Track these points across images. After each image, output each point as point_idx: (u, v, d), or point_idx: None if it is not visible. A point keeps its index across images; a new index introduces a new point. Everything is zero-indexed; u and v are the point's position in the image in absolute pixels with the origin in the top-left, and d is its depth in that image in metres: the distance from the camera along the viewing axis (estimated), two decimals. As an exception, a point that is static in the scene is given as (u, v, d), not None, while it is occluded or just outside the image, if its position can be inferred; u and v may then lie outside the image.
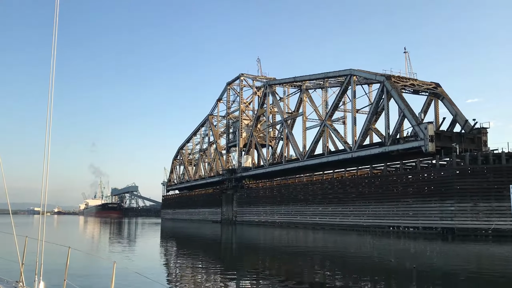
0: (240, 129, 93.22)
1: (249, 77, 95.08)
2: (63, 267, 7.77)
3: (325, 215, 62.94)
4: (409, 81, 56.68)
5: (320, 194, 64.98)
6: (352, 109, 61.12)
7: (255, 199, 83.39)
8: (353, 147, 59.90)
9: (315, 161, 68.12)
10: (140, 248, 37.31)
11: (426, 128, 48.82)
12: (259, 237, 53.62)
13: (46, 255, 7.17)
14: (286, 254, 31.37)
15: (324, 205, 63.52)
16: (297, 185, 71.20)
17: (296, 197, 70.08)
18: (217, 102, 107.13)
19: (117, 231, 66.47)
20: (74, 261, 10.75)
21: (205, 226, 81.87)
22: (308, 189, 68.22)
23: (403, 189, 50.52)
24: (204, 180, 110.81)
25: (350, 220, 57.94)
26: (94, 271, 19.34)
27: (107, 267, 19.63)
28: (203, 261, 25.35)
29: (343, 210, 59.25)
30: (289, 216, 71.29)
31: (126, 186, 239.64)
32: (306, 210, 67.12)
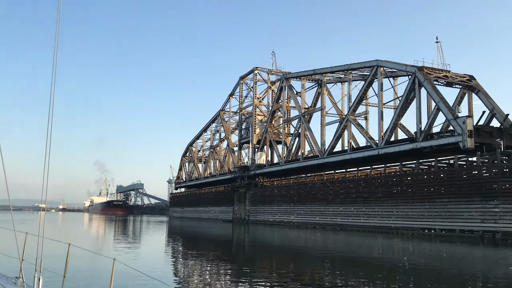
0: (253, 125, 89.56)
1: (264, 70, 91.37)
2: (62, 263, 7.75)
3: (347, 216, 59.23)
4: (442, 73, 52.82)
5: (342, 194, 61.26)
6: (379, 103, 57.29)
7: (269, 198, 79.77)
8: (380, 143, 56.06)
9: (336, 158, 64.35)
10: (146, 246, 35.76)
11: (465, 122, 44.97)
12: (274, 237, 50.46)
13: (46, 251, 7.08)
14: (304, 256, 28.95)
15: (346, 205, 59.82)
16: (316, 184, 67.48)
17: (315, 196, 66.39)
18: (229, 97, 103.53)
19: (123, 229, 64.53)
20: (74, 258, 10.29)
21: (215, 225, 78.74)
22: (328, 188, 64.51)
23: (438, 188, 46.69)
24: (214, 178, 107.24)
25: (376, 222, 54.19)
26: (94, 268, 19.33)
27: (107, 265, 17.91)
28: (212, 261, 24.18)
29: (368, 211, 55.52)
30: (307, 216, 67.62)
31: (132, 184, 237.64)
32: (326, 210, 63.43)
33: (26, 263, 7.65)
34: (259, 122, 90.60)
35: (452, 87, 53.96)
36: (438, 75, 52.08)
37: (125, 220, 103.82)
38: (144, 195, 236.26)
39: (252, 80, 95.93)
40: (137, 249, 32.63)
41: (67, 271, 7.29)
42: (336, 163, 65.28)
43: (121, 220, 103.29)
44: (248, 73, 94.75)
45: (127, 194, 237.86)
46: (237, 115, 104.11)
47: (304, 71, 74.09)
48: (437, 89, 49.16)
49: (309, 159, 71.97)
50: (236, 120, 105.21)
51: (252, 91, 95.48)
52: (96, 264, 20.72)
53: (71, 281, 8.94)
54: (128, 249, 30.76)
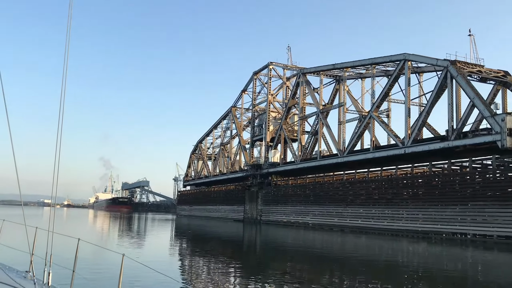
0: (267, 121, 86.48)
1: (279, 66, 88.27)
2: (71, 258, 7.80)
3: (369, 218, 56.09)
4: (476, 68, 49.56)
5: (364, 194, 58.11)
6: (406, 99, 54.04)
7: (283, 198, 76.71)
8: (406, 142, 52.85)
9: (358, 157, 61.16)
10: (153, 245, 34.77)
11: (504, 120, 41.71)
12: (288, 238, 47.90)
13: (55, 246, 7.13)
14: (322, 259, 27.30)
15: (367, 206, 56.72)
16: (334, 184, 64.32)
17: (333, 197, 63.28)
18: (241, 93, 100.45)
19: (129, 227, 63.37)
20: (83, 253, 9.57)
21: (225, 225, 76.19)
22: (348, 188, 61.39)
23: (473, 191, 43.48)
24: (225, 176, 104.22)
25: (401, 225, 51.02)
26: (102, 263, 19.38)
27: (115, 260, 18.26)
28: (221, 261, 23.80)
29: (392, 213, 52.37)
30: (324, 217, 64.51)
31: (137, 181, 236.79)
32: (345, 212, 60.33)
33: (36, 257, 7.60)
34: (272, 119, 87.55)
35: (486, 83, 50.72)
36: (471, 70, 48.83)
37: (131, 217, 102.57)
38: (150, 193, 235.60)
39: (266, 76, 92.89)
40: (144, 247, 32.11)
41: (76, 265, 7.24)
42: (357, 163, 62.17)
43: (126, 217, 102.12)
44: (262, 69, 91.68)
45: (133, 191, 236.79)
46: (250, 111, 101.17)
47: (323, 65, 70.95)
48: (472, 85, 45.89)
49: (327, 157, 68.86)
50: (248, 117, 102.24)
51: (266, 87, 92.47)
52: (104, 259, 20.57)
53: (80, 275, 8.99)
54: (135, 247, 30.15)
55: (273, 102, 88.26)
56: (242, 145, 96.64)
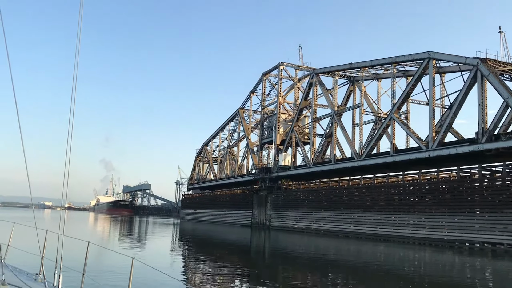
0: (277, 124, 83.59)
1: (290, 66, 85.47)
2: (78, 260, 8.02)
3: (388, 225, 53.08)
4: (507, 66, 46.68)
5: (383, 200, 55.17)
6: (431, 99, 51.08)
7: (294, 203, 73.71)
8: (431, 145, 49.89)
9: (377, 161, 58.18)
10: (158, 250, 33.50)
11: (542, 122, 38.82)
12: (300, 245, 45.07)
13: (64, 249, 7.14)
14: (337, 268, 25.51)
15: (387, 213, 53.74)
16: (350, 189, 61.32)
17: (350, 203, 60.29)
18: (249, 95, 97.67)
19: (132, 230, 62.24)
20: (91, 255, 9.27)
21: (232, 230, 73.48)
22: (365, 193, 58.42)
23: (506, 197, 40.51)
24: (232, 179, 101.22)
25: (424, 233, 47.99)
26: (112, 266, 19.25)
27: (124, 263, 17.68)
28: (228, 268, 23.01)
29: (415, 220, 49.36)
30: (339, 223, 61.47)
31: (139, 184, 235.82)
32: (362, 218, 57.32)
33: (45, 260, 7.61)
34: (283, 121, 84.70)
35: (518, 82, 47.81)
36: (503, 68, 45.94)
37: (133, 221, 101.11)
38: (151, 196, 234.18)
39: (275, 77, 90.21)
40: (149, 251, 31.56)
41: (86, 268, 7.20)
42: (374, 167, 59.20)
43: (128, 221, 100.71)
44: (272, 69, 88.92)
45: (134, 194, 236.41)
46: (258, 113, 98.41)
47: (338, 65, 68.10)
48: (505, 84, 43.03)
49: (343, 161, 65.91)
50: (257, 119, 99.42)
51: (275, 88, 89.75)
52: (114, 262, 20.58)
53: (90, 278, 8.76)
54: (140, 251, 29.77)
55: (284, 104, 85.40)
56: (250, 147, 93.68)
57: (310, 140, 74.49)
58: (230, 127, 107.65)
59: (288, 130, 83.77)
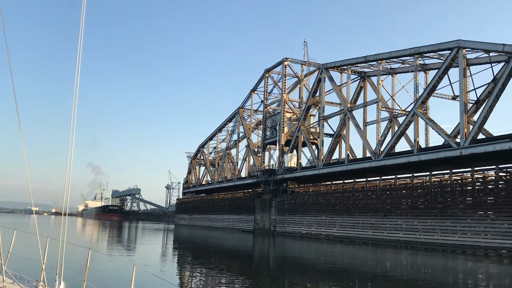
0: (282, 123, 78.73)
1: (295, 62, 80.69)
2: (76, 266, 9.06)
3: (413, 231, 48.39)
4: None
5: (406, 204, 50.55)
6: (461, 92, 46.61)
7: (302, 206, 68.78)
8: (462, 142, 45.38)
9: (397, 161, 53.50)
10: (153, 258, 30.76)
11: None
12: (310, 252, 41.54)
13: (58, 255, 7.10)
14: (355, 280, 22.60)
15: (410, 217, 49.11)
16: (368, 191, 56.59)
17: (367, 206, 55.56)
18: (250, 93, 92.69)
19: (122, 236, 59.94)
20: (92, 262, 10.25)
21: (232, 236, 68.78)
22: (384, 196, 53.74)
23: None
24: (231, 182, 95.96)
25: (457, 239, 43.35)
26: (112, 272, 19.34)
27: (125, 269, 19.00)
28: (229, 277, 21.55)
29: (445, 225, 44.75)
30: (354, 229, 56.67)
31: (128, 189, 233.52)
32: (381, 223, 52.62)
33: (46, 266, 7.42)
34: (287, 120, 79.88)
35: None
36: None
37: (123, 226, 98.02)
38: (141, 201, 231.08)
39: (279, 74, 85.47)
40: (144, 259, 29.32)
41: (86, 275, 7.14)
42: (394, 167, 54.63)
43: (118, 226, 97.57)
44: (275, 66, 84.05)
45: (123, 199, 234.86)
46: (258, 113, 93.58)
47: (351, 58, 63.50)
48: (551, 74, 38.69)
49: (358, 161, 61.17)
50: (258, 119, 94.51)
51: (278, 86, 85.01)
52: (114, 268, 20.67)
53: (91, 285, 7.53)
54: (134, 258, 28.45)
55: (288, 102, 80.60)
56: (252, 149, 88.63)
57: (319, 139, 69.67)
58: (229, 127, 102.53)
59: (293, 130, 79.03)
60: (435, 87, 50.04)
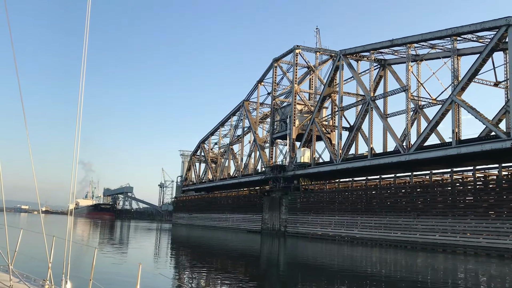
0: (293, 115, 73.12)
1: (308, 50, 75.04)
2: (86, 266, 9.47)
3: (452, 232, 43.10)
4: None
5: (442, 202, 45.23)
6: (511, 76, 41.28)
7: (317, 205, 63.27)
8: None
9: (432, 154, 48.02)
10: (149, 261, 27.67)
11: None
12: (329, 255, 37.83)
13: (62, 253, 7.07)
14: None
15: (448, 217, 43.83)
16: (397, 188, 51.14)
17: (395, 205, 50.21)
18: (257, 84, 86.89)
19: (116, 236, 57.94)
20: (98, 261, 10.03)
21: (237, 237, 63.68)
22: (415, 194, 48.37)
23: None
24: (235, 180, 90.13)
25: (508, 242, 38.09)
26: (118, 272, 19.31)
27: (131, 269, 18.97)
28: (235, 281, 19.79)
29: (494, 227, 39.45)
30: (380, 230, 51.29)
31: (120, 187, 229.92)
32: (412, 224, 47.29)
33: (52, 266, 7.47)
34: (298, 112, 74.30)
35: None
36: None
37: (116, 225, 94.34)
38: (133, 199, 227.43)
39: (288, 64, 79.94)
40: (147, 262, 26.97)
41: (92, 274, 7.16)
42: (427, 162, 49.30)
43: (110, 225, 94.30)
44: (285, 54, 78.36)
45: (115, 197, 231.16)
46: (264, 106, 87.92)
47: (374, 43, 58.00)
48: None
49: (384, 156, 55.66)
50: (264, 112, 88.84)
51: (287, 76, 79.44)
52: (119, 268, 20.90)
53: (98, 283, 7.73)
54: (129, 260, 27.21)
55: (299, 93, 75.00)
56: (259, 143, 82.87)
57: (332, 133, 64.15)
58: (233, 122, 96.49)
59: (305, 123, 73.54)
60: (476, 72, 44.65)
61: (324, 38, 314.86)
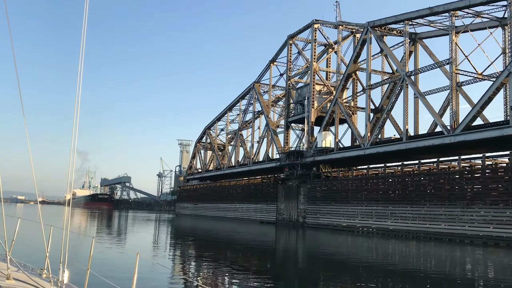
0: (311, 96, 66.98)
1: (328, 24, 68.65)
2: (83, 256, 8.77)
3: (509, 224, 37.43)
4: None
5: (495, 189, 39.46)
6: None
7: (341, 194, 57.41)
8: None
9: (484, 135, 42.00)
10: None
11: None
12: (360, 250, 32.79)
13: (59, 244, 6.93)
14: None
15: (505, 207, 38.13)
16: (441, 175, 45.21)
17: (439, 193, 44.32)
18: (269, 64, 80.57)
19: (119, 226, 55.78)
20: (95, 251, 8.49)
21: (248, 228, 58.79)
22: (464, 181, 42.53)
23: None
24: (245, 167, 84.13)
25: None
26: (115, 261, 19.37)
27: (129, 258, 18.78)
28: (247, 276, 18.01)
29: None
30: (420, 221, 45.51)
31: (118, 177, 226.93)
32: (462, 214, 41.53)
33: (50, 255, 7.41)
34: (317, 93, 68.21)
35: None
36: None
37: (114, 216, 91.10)
38: (131, 189, 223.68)
39: (303, 41, 73.71)
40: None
41: (90, 263, 7.07)
42: (474, 144, 43.46)
43: (110, 215, 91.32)
44: (301, 30, 72.01)
45: (113, 187, 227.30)
46: (276, 88, 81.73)
47: (411, 11, 51.72)
48: None
49: (423, 138, 49.63)
50: (276, 95, 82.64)
51: (302, 54, 73.27)
52: (117, 257, 20.62)
53: (95, 273, 7.54)
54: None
55: (318, 72, 68.79)
56: (272, 128, 76.76)
57: (365, 113, 58.10)
58: (242, 106, 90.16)
59: (324, 105, 67.55)
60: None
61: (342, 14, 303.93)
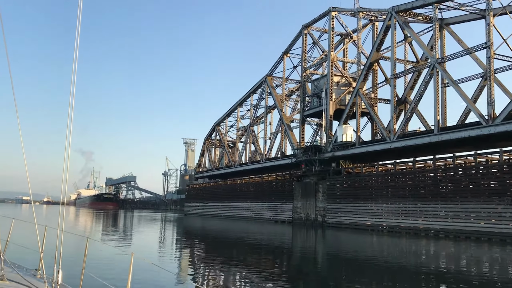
0: (329, 89, 63.26)
1: (346, 12, 64.88)
2: (78, 256, 8.44)
3: None
4: None
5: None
6: None
7: (365, 191, 53.69)
8: None
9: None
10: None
11: None
12: (394, 251, 30.35)
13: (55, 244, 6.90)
14: None
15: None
16: (479, 169, 41.44)
17: (477, 188, 40.59)
18: (282, 56, 76.85)
19: (123, 226, 54.14)
20: (91, 251, 9.47)
21: (263, 227, 55.69)
22: (506, 175, 38.80)
23: None
24: (258, 164, 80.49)
25: None
26: (110, 261, 19.05)
27: (123, 259, 18.92)
28: (263, 278, 16.71)
29: None
30: (456, 220, 41.79)
31: (123, 176, 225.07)
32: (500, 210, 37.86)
33: (44, 255, 7.39)
34: (335, 85, 64.49)
35: None
36: None
37: (121, 216, 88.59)
38: (136, 189, 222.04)
39: (319, 31, 70.04)
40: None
41: (85, 263, 7.02)
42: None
43: (114, 215, 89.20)
44: (317, 19, 68.25)
45: (118, 187, 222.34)
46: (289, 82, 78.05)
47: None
48: None
49: (457, 129, 45.85)
50: (289, 89, 78.96)
51: (318, 45, 69.65)
52: (112, 258, 20.37)
53: (89, 273, 7.69)
54: None
55: (336, 62, 65.05)
56: (286, 123, 73.07)
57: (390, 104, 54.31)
58: (253, 101, 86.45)
59: (343, 97, 63.85)
60: None
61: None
